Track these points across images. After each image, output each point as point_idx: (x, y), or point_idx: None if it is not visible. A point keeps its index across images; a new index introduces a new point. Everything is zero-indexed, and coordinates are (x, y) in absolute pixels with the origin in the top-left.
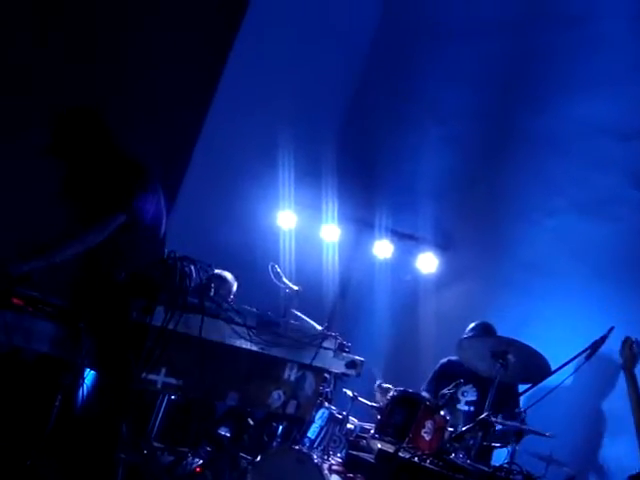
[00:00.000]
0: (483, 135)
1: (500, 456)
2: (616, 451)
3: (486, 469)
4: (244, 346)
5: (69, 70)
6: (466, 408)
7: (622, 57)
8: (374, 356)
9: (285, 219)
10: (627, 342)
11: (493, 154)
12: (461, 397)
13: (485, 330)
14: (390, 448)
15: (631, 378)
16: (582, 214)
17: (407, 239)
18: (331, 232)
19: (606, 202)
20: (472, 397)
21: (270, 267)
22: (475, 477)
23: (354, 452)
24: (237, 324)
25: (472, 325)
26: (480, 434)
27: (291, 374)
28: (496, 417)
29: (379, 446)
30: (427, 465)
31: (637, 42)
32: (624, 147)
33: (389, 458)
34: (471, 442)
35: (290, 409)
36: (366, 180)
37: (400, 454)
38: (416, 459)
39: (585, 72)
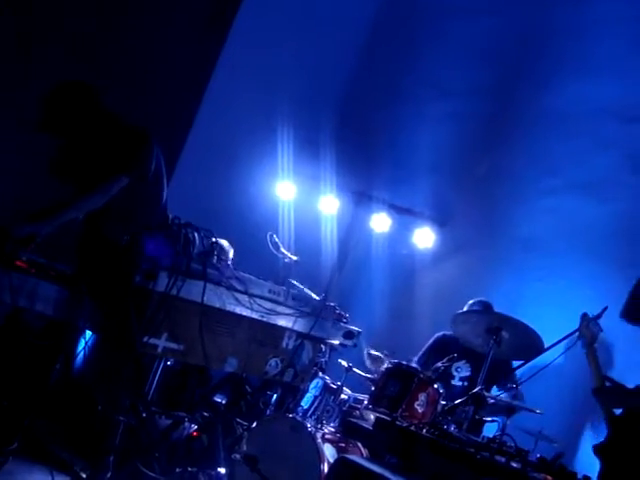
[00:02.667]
0: (484, 112)
1: (490, 431)
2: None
3: (479, 440)
4: (244, 313)
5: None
6: (460, 384)
7: (628, 39)
8: (370, 328)
9: (284, 189)
10: (585, 319)
11: (494, 131)
12: (455, 373)
13: (484, 307)
14: (386, 418)
15: (592, 355)
16: (579, 194)
17: (405, 213)
18: (329, 204)
19: (603, 183)
20: (466, 373)
21: (268, 237)
22: (469, 447)
23: (352, 419)
24: (238, 291)
25: (471, 301)
26: (472, 408)
27: (289, 343)
28: (489, 392)
29: (375, 415)
30: (424, 433)
31: None
32: (625, 129)
33: (387, 426)
34: (463, 415)
35: (287, 377)
36: (365, 153)
37: (397, 422)
38: (413, 427)
39: (590, 53)
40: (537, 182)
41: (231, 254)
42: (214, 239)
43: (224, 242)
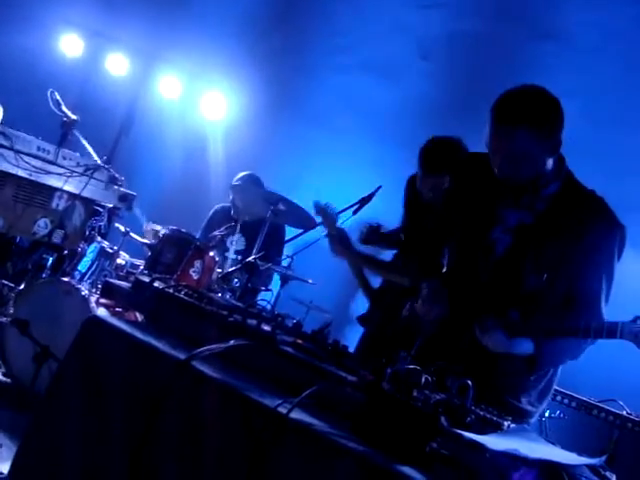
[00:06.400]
0: None
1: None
2: None
3: (240, 305)
4: (10, 171)
5: None
6: (235, 257)
7: None
8: (158, 198)
9: (69, 44)
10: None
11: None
12: (230, 246)
13: (253, 181)
14: (144, 279)
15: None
16: (371, 76)
17: (196, 79)
18: (118, 64)
19: (395, 67)
20: (240, 246)
21: (49, 93)
22: (224, 310)
23: (111, 280)
24: (3, 147)
25: (241, 174)
26: (246, 276)
27: (60, 203)
28: (262, 261)
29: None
30: (181, 296)
31: None
32: (420, 15)
33: (144, 286)
34: (237, 284)
35: (56, 239)
36: (158, 12)
37: (156, 284)
38: (171, 289)
39: None
40: (328, 58)
41: (0, 112)
42: None
43: None
